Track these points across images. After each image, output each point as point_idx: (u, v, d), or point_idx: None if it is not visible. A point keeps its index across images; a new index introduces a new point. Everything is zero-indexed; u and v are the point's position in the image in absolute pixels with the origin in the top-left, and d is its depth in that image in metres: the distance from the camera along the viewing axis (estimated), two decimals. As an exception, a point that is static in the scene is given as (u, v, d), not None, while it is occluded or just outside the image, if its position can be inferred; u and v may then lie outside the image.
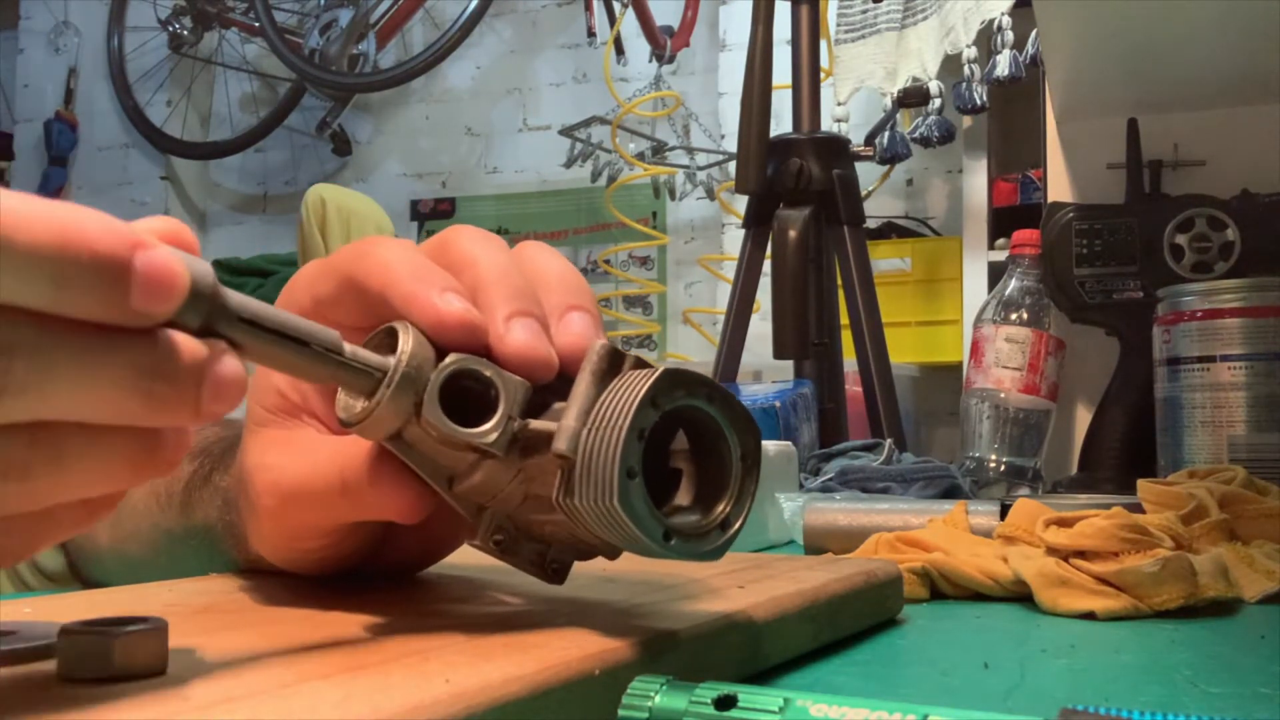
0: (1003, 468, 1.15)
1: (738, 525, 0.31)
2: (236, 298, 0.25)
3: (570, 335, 0.32)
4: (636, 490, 0.29)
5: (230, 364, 0.25)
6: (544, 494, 0.31)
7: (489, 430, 0.30)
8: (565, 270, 0.35)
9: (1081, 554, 0.48)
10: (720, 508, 0.31)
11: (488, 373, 0.30)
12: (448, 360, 0.30)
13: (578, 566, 0.35)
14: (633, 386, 0.29)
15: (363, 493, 0.32)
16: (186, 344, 0.24)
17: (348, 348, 0.28)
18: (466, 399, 0.30)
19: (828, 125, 1.77)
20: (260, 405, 0.37)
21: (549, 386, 0.31)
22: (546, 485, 0.30)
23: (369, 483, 0.32)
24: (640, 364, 0.31)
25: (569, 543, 0.33)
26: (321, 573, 0.39)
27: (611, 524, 0.29)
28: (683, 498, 0.32)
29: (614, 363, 0.31)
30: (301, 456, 0.35)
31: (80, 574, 0.59)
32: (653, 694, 0.25)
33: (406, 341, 0.30)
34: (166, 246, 0.24)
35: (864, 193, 1.68)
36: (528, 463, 0.31)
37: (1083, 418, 1.19)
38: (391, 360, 0.29)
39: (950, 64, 1.99)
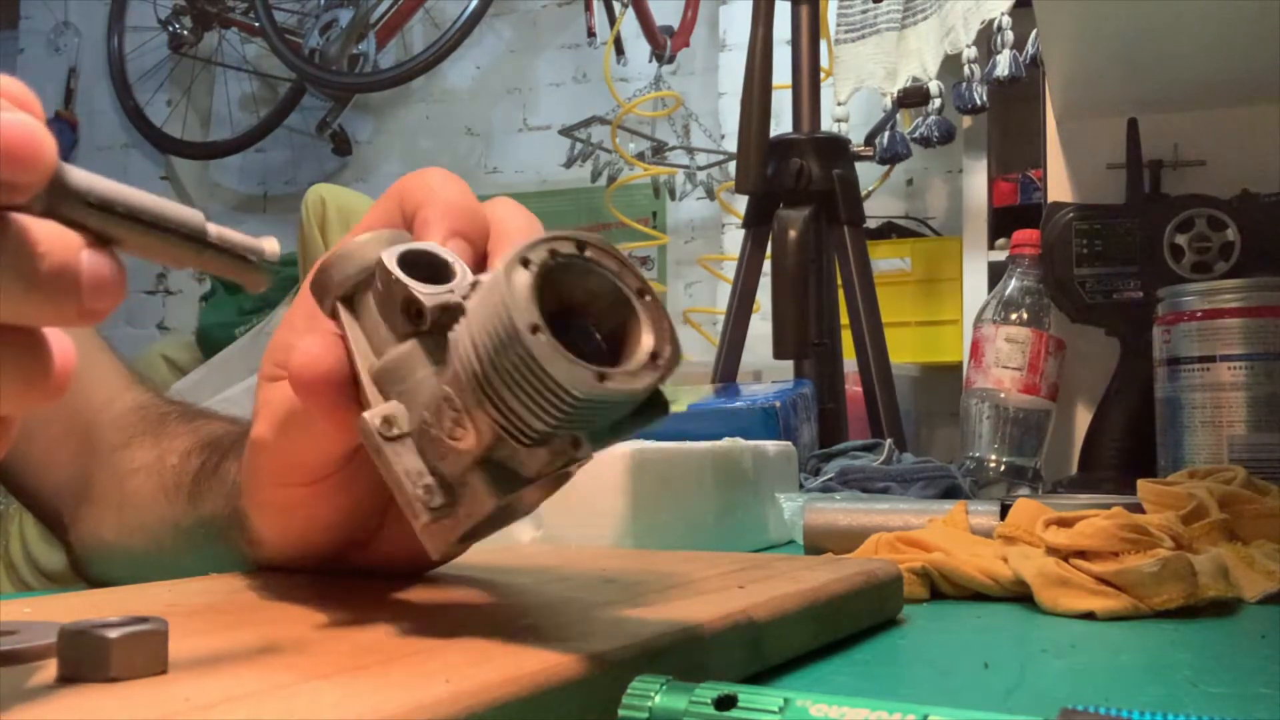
0: (1003, 468, 1.15)
1: (668, 354, 0.29)
2: (81, 176, 0.24)
3: None
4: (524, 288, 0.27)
5: (99, 255, 0.23)
6: (453, 389, 0.29)
7: (432, 291, 0.30)
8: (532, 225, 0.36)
9: (1081, 554, 0.48)
10: (642, 346, 0.29)
11: (451, 261, 0.31)
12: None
13: (576, 567, 0.35)
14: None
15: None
16: (51, 228, 0.23)
17: (213, 229, 0.27)
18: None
19: (828, 125, 1.76)
20: (273, 361, 0.38)
21: None
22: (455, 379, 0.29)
23: (313, 376, 0.32)
24: None
25: (461, 464, 0.30)
26: (316, 555, 0.39)
27: (497, 340, 0.27)
28: None
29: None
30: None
31: (83, 572, 0.59)
32: (653, 694, 0.25)
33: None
34: (19, 111, 0.22)
35: (864, 193, 1.68)
36: (447, 354, 0.29)
37: (1083, 418, 1.19)
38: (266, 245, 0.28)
39: (950, 64, 1.99)
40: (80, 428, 0.59)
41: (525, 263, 0.28)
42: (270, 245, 0.28)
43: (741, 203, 1.62)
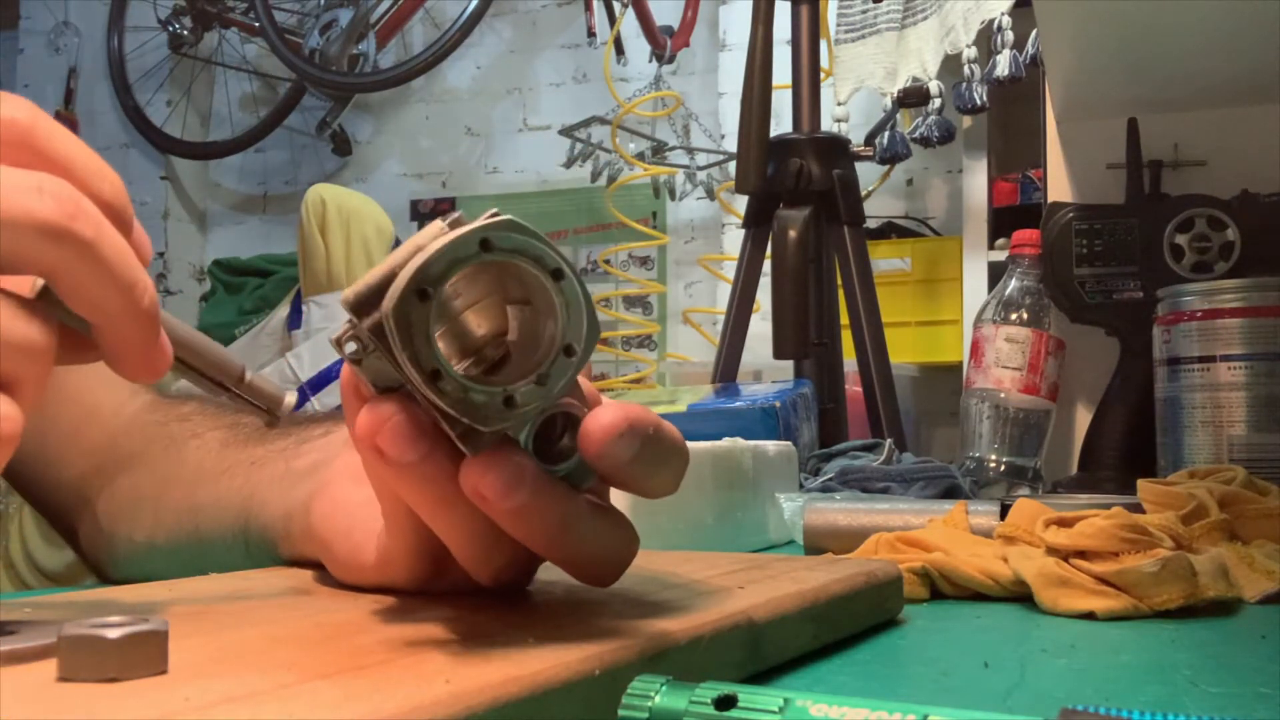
0: (1003, 468, 1.15)
1: (583, 344, 0.29)
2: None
3: None
4: (419, 311, 0.27)
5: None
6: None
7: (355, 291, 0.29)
8: None
9: (1081, 554, 0.48)
10: (551, 334, 0.29)
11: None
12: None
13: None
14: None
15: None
16: None
17: (247, 376, 0.35)
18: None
19: (828, 125, 1.76)
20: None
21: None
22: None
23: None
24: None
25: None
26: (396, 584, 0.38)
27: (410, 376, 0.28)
28: None
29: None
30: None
31: (104, 573, 0.59)
32: (653, 694, 0.25)
33: None
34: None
35: (864, 193, 1.68)
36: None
37: (1083, 418, 1.19)
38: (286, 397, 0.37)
39: (950, 64, 1.99)
40: (91, 430, 0.58)
41: (423, 295, 0.27)
42: (290, 400, 0.36)
43: (741, 203, 1.62)
